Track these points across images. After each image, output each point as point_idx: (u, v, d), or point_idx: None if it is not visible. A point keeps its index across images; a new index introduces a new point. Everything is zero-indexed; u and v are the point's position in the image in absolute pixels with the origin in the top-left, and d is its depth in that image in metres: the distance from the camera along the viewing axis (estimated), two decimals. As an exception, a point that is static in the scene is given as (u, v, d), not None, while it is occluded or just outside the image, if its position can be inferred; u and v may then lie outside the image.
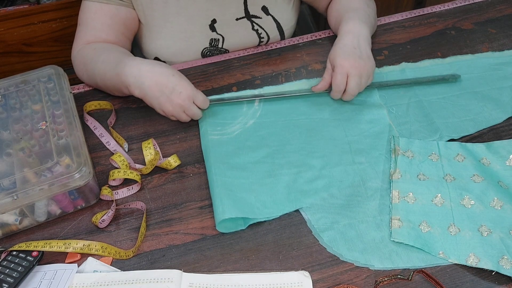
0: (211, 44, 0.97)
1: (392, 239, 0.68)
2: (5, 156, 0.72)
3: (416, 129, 0.82)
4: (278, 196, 0.74)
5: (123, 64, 0.80)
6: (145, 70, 0.79)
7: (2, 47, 1.10)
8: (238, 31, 0.96)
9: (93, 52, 0.87)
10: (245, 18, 0.95)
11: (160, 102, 0.79)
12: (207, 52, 0.98)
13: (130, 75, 0.79)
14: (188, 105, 0.80)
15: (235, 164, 0.78)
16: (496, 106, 0.85)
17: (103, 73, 0.85)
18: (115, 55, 0.85)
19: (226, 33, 0.96)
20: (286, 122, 0.85)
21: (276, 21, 0.97)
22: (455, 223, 0.70)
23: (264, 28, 0.97)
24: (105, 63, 0.84)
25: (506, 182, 0.72)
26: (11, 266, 0.65)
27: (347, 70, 0.81)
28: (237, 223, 0.71)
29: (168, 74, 0.79)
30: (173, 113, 0.81)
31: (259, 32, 0.97)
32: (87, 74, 0.90)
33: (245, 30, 0.97)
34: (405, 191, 0.73)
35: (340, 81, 0.82)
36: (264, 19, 0.97)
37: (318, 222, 0.71)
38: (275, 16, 0.97)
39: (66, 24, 1.12)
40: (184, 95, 0.79)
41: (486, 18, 1.02)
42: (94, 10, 0.88)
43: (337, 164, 0.78)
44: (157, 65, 0.80)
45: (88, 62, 0.88)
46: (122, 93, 0.85)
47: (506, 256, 0.65)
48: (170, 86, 0.78)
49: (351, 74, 0.81)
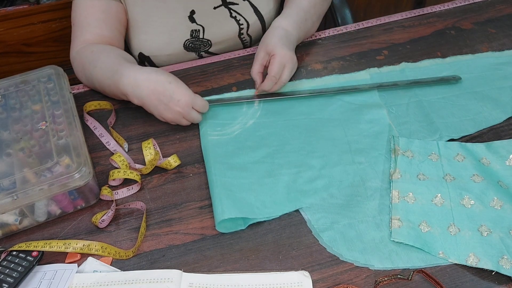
0: (192, 35, 0.97)
1: (392, 239, 0.68)
2: (5, 156, 0.72)
3: (416, 129, 0.82)
4: (278, 196, 0.74)
5: (119, 74, 0.80)
6: (142, 79, 0.78)
7: (1, 47, 1.10)
8: (217, 20, 0.97)
9: (91, 55, 0.87)
10: (222, 6, 0.96)
11: (159, 110, 0.80)
12: (189, 43, 0.98)
13: (128, 84, 0.79)
14: (187, 111, 0.80)
15: (235, 164, 0.78)
16: (496, 106, 0.85)
17: (101, 80, 0.85)
18: (112, 61, 0.84)
19: (206, 23, 0.97)
20: (285, 122, 0.85)
21: (253, 6, 0.98)
22: (455, 223, 0.70)
23: (242, 14, 0.98)
24: (102, 70, 0.84)
25: (506, 182, 0.72)
26: (11, 266, 0.65)
27: (285, 61, 0.84)
28: (237, 223, 0.71)
29: (164, 82, 0.78)
30: (172, 120, 0.81)
31: (238, 19, 0.98)
32: (85, 77, 0.90)
33: (224, 18, 0.97)
34: (405, 191, 0.73)
35: (278, 70, 0.84)
36: (241, 5, 0.97)
37: (318, 222, 0.71)
38: (252, 0, 0.97)
39: (66, 24, 1.12)
40: (182, 103, 0.79)
41: (485, 18, 1.02)
42: (86, 7, 0.89)
43: (337, 164, 0.78)
44: (153, 72, 0.79)
45: (86, 66, 0.88)
46: (121, 98, 0.86)
47: (506, 256, 0.65)
48: (168, 94, 0.78)
49: (287, 66, 0.85)
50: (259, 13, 0.99)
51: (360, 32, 1.00)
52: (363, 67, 0.93)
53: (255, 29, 1.01)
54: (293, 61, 0.86)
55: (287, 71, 0.85)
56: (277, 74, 0.84)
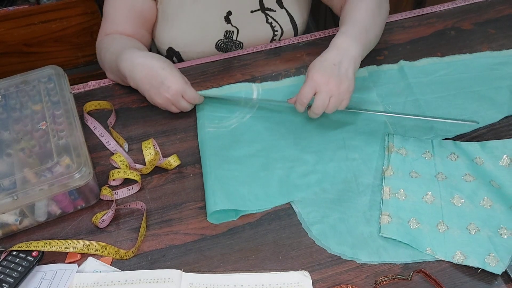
0: (226, 36, 0.97)
1: (381, 234, 0.69)
2: (5, 156, 0.72)
3: (411, 127, 0.83)
4: (271, 189, 0.75)
5: (120, 58, 0.83)
6: (138, 63, 0.81)
7: (2, 47, 1.11)
8: (253, 24, 0.97)
9: (108, 42, 0.91)
10: (260, 10, 0.96)
11: (150, 94, 0.82)
12: (221, 43, 0.98)
13: (126, 68, 0.82)
14: (177, 99, 0.81)
15: (230, 157, 0.79)
16: (492, 106, 0.85)
17: (110, 63, 0.89)
18: (121, 47, 0.87)
19: (241, 26, 0.97)
20: (282, 117, 0.85)
21: (290, 14, 0.98)
22: (444, 220, 0.70)
23: (278, 21, 0.98)
24: (111, 54, 0.88)
25: (498, 182, 0.73)
26: (11, 266, 0.65)
27: (317, 85, 0.75)
28: (229, 214, 0.72)
29: (158, 68, 0.80)
30: (162, 105, 0.83)
31: (273, 25, 0.98)
32: (102, 63, 0.94)
33: (260, 23, 0.97)
34: (397, 187, 0.74)
35: (305, 94, 0.76)
36: (278, 12, 0.97)
37: (308, 216, 0.72)
38: (289, 9, 0.98)
39: (66, 24, 1.12)
40: (172, 90, 0.80)
41: (485, 18, 1.02)
42: (112, 2, 0.92)
43: (331, 160, 0.79)
44: (149, 57, 0.81)
45: (103, 52, 0.92)
46: (126, 83, 0.88)
47: (492, 254, 0.66)
48: (159, 80, 0.80)
49: (320, 90, 0.75)
50: (294, 23, 1.00)
51: (360, 32, 1.00)
52: (363, 67, 0.93)
53: (288, 37, 1.01)
54: (330, 86, 0.74)
55: (319, 96, 0.75)
56: (302, 98, 0.76)
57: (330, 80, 0.75)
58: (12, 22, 1.07)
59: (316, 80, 0.75)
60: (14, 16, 1.06)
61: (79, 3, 1.10)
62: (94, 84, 0.94)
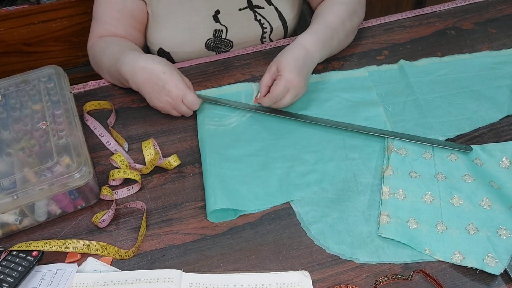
0: (215, 35, 0.97)
1: (379, 234, 0.69)
2: (5, 156, 0.72)
3: (411, 127, 0.83)
4: (270, 188, 0.75)
5: (121, 61, 0.83)
6: (139, 67, 0.81)
7: (2, 47, 1.10)
8: (241, 22, 0.97)
9: (103, 44, 0.91)
10: (248, 8, 0.96)
11: (151, 97, 0.83)
12: (211, 43, 0.98)
13: (127, 71, 0.82)
14: (177, 103, 0.82)
15: (230, 156, 0.79)
16: (492, 105, 0.85)
17: (108, 67, 0.88)
18: (119, 49, 0.87)
19: (230, 24, 0.97)
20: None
21: (278, 11, 0.98)
22: (443, 221, 0.70)
23: (267, 18, 0.98)
24: (109, 58, 0.88)
25: (498, 183, 0.73)
26: (11, 266, 0.65)
27: (290, 85, 0.80)
28: (228, 214, 0.72)
29: (159, 72, 0.80)
30: (163, 109, 0.84)
31: (262, 23, 0.98)
32: (97, 66, 0.94)
33: (248, 20, 0.97)
34: (396, 187, 0.74)
35: (281, 93, 0.80)
36: (266, 9, 0.97)
37: (307, 215, 0.72)
38: (277, 6, 0.97)
39: (66, 24, 1.12)
40: (173, 94, 0.81)
41: (486, 18, 1.02)
42: (103, 3, 0.91)
43: (331, 159, 0.79)
44: (150, 61, 0.81)
45: (97, 55, 0.91)
46: (126, 86, 0.88)
47: (491, 254, 0.66)
48: (160, 84, 0.80)
49: (291, 91, 0.80)
50: (283, 19, 0.99)
51: (360, 32, 1.00)
52: (363, 67, 0.93)
53: (278, 34, 1.01)
54: (299, 88, 0.81)
55: (289, 96, 0.81)
56: (278, 96, 0.80)
57: (300, 81, 0.81)
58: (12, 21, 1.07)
59: (291, 81, 0.80)
60: (14, 16, 1.06)
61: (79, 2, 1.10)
62: (94, 84, 0.94)
